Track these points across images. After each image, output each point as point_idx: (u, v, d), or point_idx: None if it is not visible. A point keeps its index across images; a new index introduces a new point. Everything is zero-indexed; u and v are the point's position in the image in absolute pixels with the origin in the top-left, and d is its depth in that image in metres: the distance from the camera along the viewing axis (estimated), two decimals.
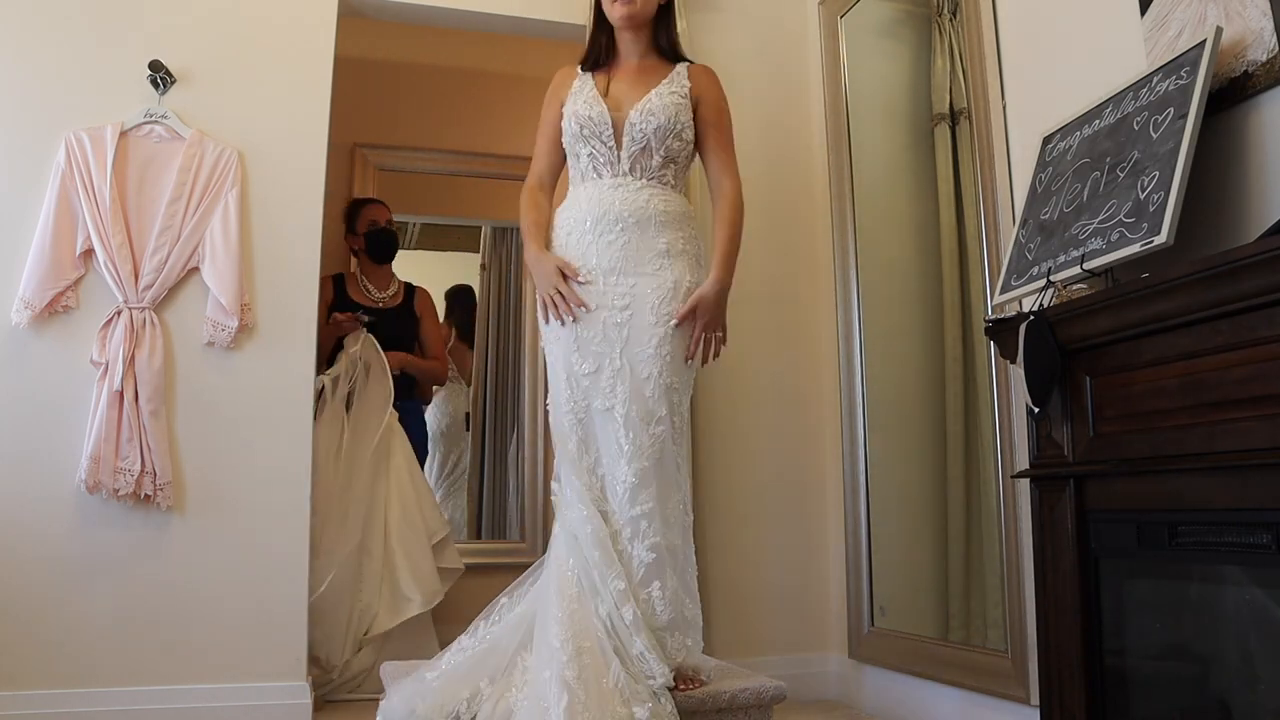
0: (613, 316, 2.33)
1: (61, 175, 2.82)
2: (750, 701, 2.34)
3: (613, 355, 2.32)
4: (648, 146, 2.39)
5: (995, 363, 2.58)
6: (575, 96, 2.46)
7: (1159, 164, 1.86)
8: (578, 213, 2.42)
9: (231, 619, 2.81)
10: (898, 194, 3.34)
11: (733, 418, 3.38)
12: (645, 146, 2.39)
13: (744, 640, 3.24)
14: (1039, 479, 2.05)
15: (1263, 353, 1.56)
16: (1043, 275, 2.06)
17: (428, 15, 3.41)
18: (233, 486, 2.87)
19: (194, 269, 2.91)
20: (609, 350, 2.32)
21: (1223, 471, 1.63)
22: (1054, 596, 1.98)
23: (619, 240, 2.36)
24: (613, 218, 2.37)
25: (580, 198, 2.44)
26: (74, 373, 2.78)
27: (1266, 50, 1.82)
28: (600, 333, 2.33)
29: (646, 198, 2.39)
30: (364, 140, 4.31)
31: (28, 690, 2.64)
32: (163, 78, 2.94)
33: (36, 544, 2.71)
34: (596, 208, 2.39)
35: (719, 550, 3.27)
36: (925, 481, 3.16)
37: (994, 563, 2.72)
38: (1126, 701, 1.87)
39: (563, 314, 2.35)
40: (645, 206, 2.38)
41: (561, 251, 2.41)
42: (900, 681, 2.95)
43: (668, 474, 2.32)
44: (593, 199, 2.40)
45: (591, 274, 2.36)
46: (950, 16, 3.10)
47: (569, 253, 2.39)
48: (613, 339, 2.32)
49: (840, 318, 3.33)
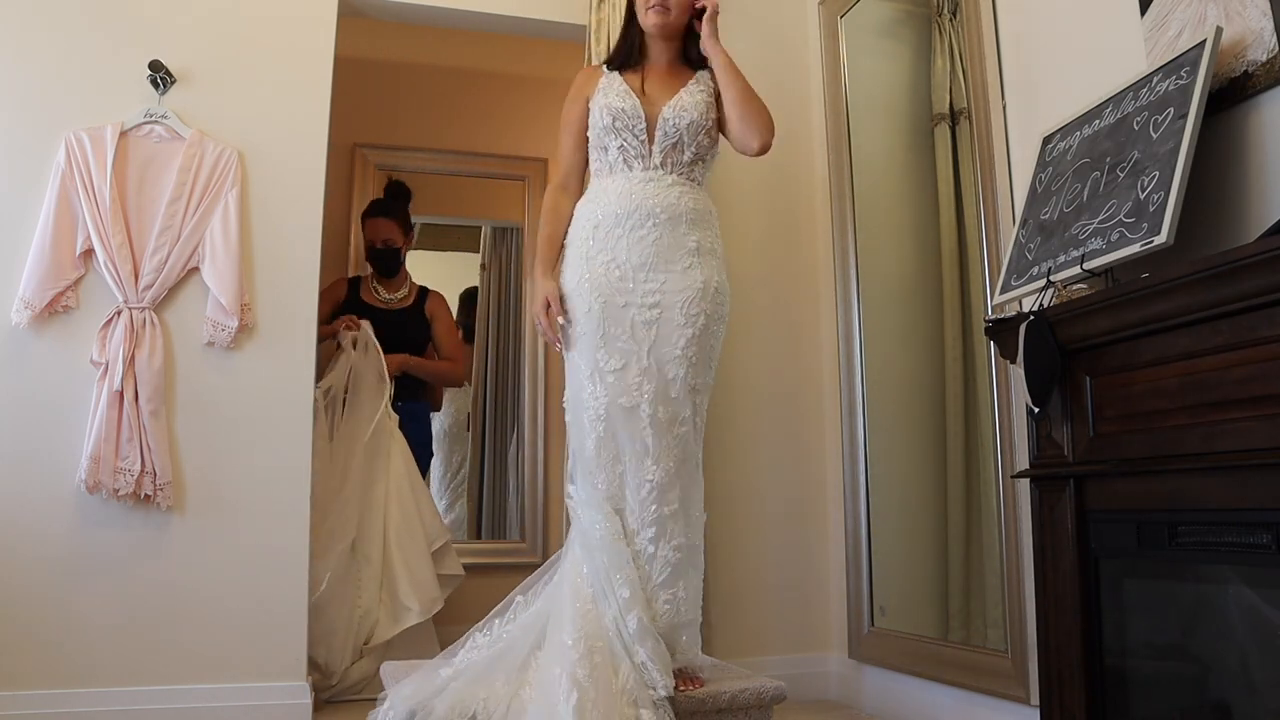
0: (641, 314, 2.35)
1: (61, 175, 2.82)
2: (750, 701, 2.34)
3: (640, 353, 2.33)
4: (680, 142, 2.41)
5: (995, 363, 2.58)
6: (605, 91, 2.48)
7: (1159, 164, 1.86)
8: (605, 207, 2.42)
9: (231, 619, 2.81)
10: (898, 194, 3.34)
11: (733, 417, 3.38)
12: (678, 142, 2.42)
13: (744, 640, 3.24)
14: (1039, 479, 2.05)
15: (1262, 353, 1.56)
16: (1043, 275, 2.06)
17: (428, 15, 3.41)
18: (233, 486, 2.87)
19: (194, 269, 2.91)
20: (637, 348, 2.34)
21: (1222, 471, 1.63)
22: (1054, 596, 1.98)
23: (650, 235, 2.37)
24: (645, 212, 2.37)
25: (608, 190, 2.43)
26: (74, 373, 2.78)
27: (1266, 50, 1.82)
28: (628, 330, 2.34)
29: (678, 194, 2.40)
30: (364, 140, 4.31)
31: (28, 690, 2.64)
32: (163, 78, 2.94)
33: (36, 544, 2.71)
34: (628, 201, 2.39)
35: (719, 550, 3.27)
36: (925, 481, 3.16)
37: (994, 563, 2.73)
38: (1126, 701, 1.87)
39: (549, 339, 2.43)
40: (677, 203, 2.39)
41: (585, 246, 2.42)
42: (900, 681, 2.95)
43: (690, 473, 2.35)
44: (623, 193, 2.40)
45: (621, 269, 2.37)
46: (950, 16, 3.11)
47: (595, 247, 2.40)
48: (640, 337, 2.34)
49: (840, 318, 3.33)
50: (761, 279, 3.49)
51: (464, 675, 2.20)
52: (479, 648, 2.29)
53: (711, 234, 2.45)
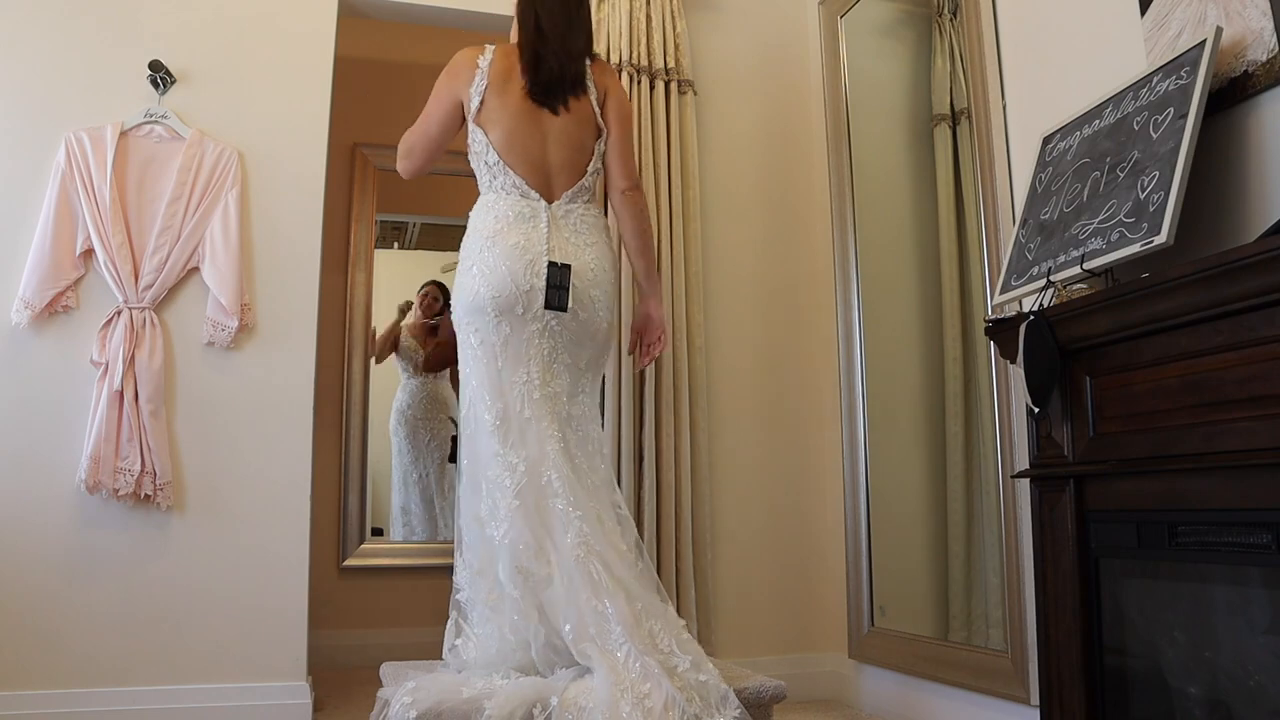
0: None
1: (61, 175, 2.82)
2: (750, 701, 2.33)
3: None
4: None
5: (995, 363, 2.58)
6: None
7: (1159, 164, 1.86)
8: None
9: (231, 619, 2.81)
10: (898, 194, 3.34)
11: (733, 418, 3.38)
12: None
13: (744, 640, 3.24)
14: (1039, 479, 2.05)
15: (1262, 353, 1.56)
16: (1043, 275, 2.06)
17: (428, 15, 3.42)
18: (233, 486, 2.87)
19: (194, 269, 2.91)
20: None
21: (1223, 471, 1.63)
22: (1054, 596, 1.98)
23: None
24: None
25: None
26: (74, 373, 2.78)
27: (1266, 50, 1.82)
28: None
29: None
30: (364, 140, 4.31)
31: (28, 690, 2.64)
32: (163, 78, 2.94)
33: (36, 544, 2.71)
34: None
35: (720, 549, 3.27)
36: (925, 481, 3.16)
37: (994, 563, 2.73)
38: (1126, 701, 1.87)
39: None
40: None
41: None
42: (900, 681, 2.95)
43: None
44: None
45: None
46: (950, 16, 3.11)
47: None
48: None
49: (840, 318, 3.33)
50: (761, 279, 3.50)
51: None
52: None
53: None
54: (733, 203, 3.51)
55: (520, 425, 2.27)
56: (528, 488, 2.22)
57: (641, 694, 2.01)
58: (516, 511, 2.21)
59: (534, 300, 2.31)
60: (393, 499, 4.44)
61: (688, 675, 2.10)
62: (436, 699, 2.09)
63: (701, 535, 3.20)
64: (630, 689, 2.01)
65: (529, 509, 2.21)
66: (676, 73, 3.38)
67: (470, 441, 2.35)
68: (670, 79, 3.36)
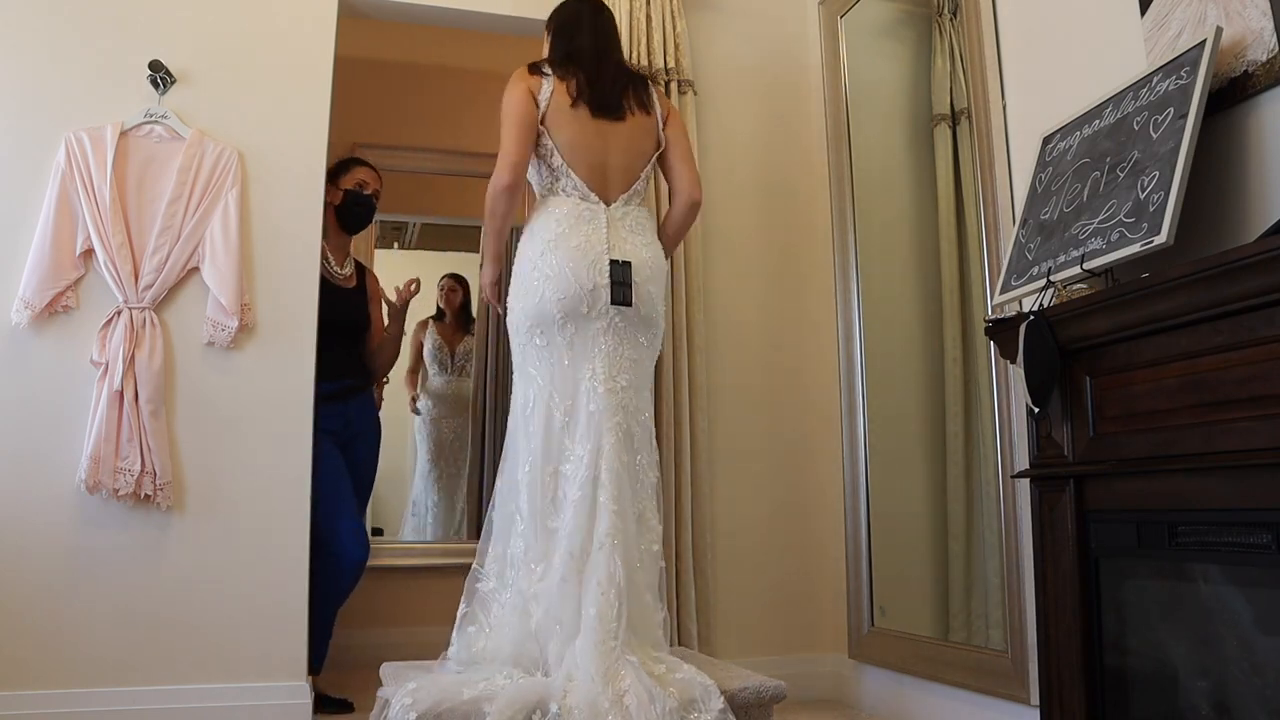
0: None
1: (61, 175, 2.82)
2: (750, 701, 2.34)
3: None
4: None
5: (995, 363, 2.58)
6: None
7: (1159, 164, 1.86)
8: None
9: (231, 619, 2.81)
10: (898, 194, 3.34)
11: (733, 418, 3.38)
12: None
13: (744, 640, 3.24)
14: (1039, 479, 2.05)
15: (1262, 353, 1.56)
16: (1043, 275, 2.06)
17: (428, 15, 3.41)
18: (233, 486, 2.87)
19: (194, 269, 2.91)
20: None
21: (1223, 471, 1.63)
22: (1054, 596, 1.98)
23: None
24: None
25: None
26: (74, 373, 2.78)
27: (1266, 50, 1.82)
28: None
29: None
30: (364, 140, 4.31)
31: (28, 690, 2.64)
32: (163, 78, 2.94)
33: (36, 544, 2.71)
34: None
35: (720, 549, 3.27)
36: (925, 481, 3.16)
37: (994, 563, 2.73)
38: (1126, 701, 1.87)
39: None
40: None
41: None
42: (900, 681, 2.95)
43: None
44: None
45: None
46: (950, 16, 3.11)
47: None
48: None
49: (840, 317, 3.33)
50: (761, 279, 3.50)
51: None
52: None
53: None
54: (732, 203, 3.51)
55: (586, 419, 2.38)
56: (588, 480, 2.33)
57: (620, 690, 2.09)
58: (580, 503, 2.32)
59: (598, 298, 2.41)
60: (412, 494, 4.45)
61: (668, 676, 2.20)
62: (436, 699, 2.10)
63: (701, 535, 3.20)
64: (611, 685, 2.09)
65: (587, 500, 2.33)
66: (676, 73, 3.38)
67: (525, 439, 2.45)
68: (670, 79, 3.36)
